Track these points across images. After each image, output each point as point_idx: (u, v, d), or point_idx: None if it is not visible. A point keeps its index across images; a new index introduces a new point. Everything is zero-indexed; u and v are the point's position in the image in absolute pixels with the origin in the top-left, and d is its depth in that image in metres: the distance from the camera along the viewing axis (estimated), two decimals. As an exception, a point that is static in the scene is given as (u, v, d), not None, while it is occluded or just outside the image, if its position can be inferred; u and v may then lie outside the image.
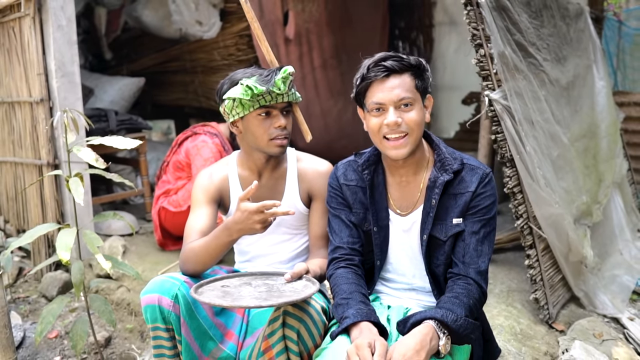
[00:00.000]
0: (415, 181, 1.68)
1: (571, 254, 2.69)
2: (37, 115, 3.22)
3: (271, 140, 1.78)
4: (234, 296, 1.52)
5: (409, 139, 1.57)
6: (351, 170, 1.75)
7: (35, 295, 3.20)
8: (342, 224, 1.73)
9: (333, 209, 1.76)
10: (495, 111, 2.45)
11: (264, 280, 1.67)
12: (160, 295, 1.65)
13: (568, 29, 3.31)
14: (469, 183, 1.61)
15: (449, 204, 1.62)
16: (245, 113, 1.76)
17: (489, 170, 1.64)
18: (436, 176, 1.63)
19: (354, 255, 1.71)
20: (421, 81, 1.58)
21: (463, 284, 1.56)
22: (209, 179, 1.89)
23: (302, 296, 1.48)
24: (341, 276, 1.65)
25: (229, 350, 1.75)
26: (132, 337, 2.75)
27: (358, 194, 1.72)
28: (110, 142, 2.17)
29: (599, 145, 3.47)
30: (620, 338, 2.54)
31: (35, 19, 3.10)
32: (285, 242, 1.94)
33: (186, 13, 4.64)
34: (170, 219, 3.22)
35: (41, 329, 2.26)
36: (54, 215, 3.24)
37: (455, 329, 1.43)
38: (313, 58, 4.60)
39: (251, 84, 1.71)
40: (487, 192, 1.61)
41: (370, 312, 1.51)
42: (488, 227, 1.62)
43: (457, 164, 1.62)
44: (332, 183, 1.78)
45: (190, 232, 1.77)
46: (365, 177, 1.70)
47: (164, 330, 1.68)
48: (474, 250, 1.59)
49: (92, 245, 2.18)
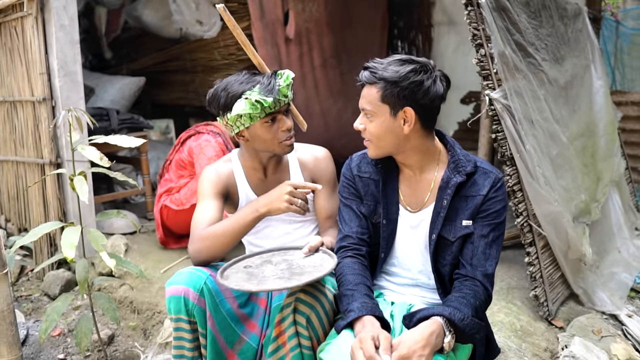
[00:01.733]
0: (426, 180, 1.69)
1: (570, 251, 2.72)
2: (40, 115, 3.23)
3: (281, 143, 1.82)
4: (259, 278, 1.57)
5: (370, 145, 1.65)
6: (365, 162, 1.77)
7: (37, 294, 3.22)
8: (352, 214, 1.76)
9: (345, 198, 1.79)
10: (495, 110, 2.48)
11: (283, 256, 1.73)
12: (186, 287, 1.66)
13: (566, 29, 3.33)
14: (481, 186, 1.62)
15: (460, 206, 1.64)
16: (250, 123, 1.78)
17: (501, 175, 1.66)
18: (449, 177, 1.64)
19: (362, 245, 1.73)
20: (392, 95, 1.55)
21: (470, 285, 1.58)
22: (215, 173, 1.91)
23: (323, 273, 1.54)
24: (347, 266, 1.67)
25: (252, 341, 1.77)
26: (135, 334, 2.77)
27: (370, 186, 1.75)
28: (114, 141, 2.19)
29: (597, 144, 3.50)
30: (618, 335, 2.57)
31: (38, 19, 3.11)
32: (296, 230, 1.98)
33: (187, 12, 4.65)
34: (173, 217, 3.23)
35: (46, 327, 2.27)
36: (56, 214, 3.25)
37: (461, 327, 1.45)
38: (313, 57, 4.61)
39: (259, 98, 1.72)
40: (498, 197, 1.63)
41: (374, 306, 1.53)
42: (497, 231, 1.64)
43: (470, 166, 1.63)
44: (345, 173, 1.81)
45: (199, 223, 1.77)
46: (380, 170, 1.73)
47: (186, 322, 1.69)
48: (482, 254, 1.61)
49: (96, 243, 2.19)
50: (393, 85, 1.54)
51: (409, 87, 1.54)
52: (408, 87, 1.54)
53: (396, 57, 1.60)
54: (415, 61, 1.57)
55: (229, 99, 1.76)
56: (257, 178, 1.93)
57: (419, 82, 1.54)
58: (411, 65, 1.55)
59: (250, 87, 1.75)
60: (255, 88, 1.74)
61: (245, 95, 1.73)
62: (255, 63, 1.93)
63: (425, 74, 1.55)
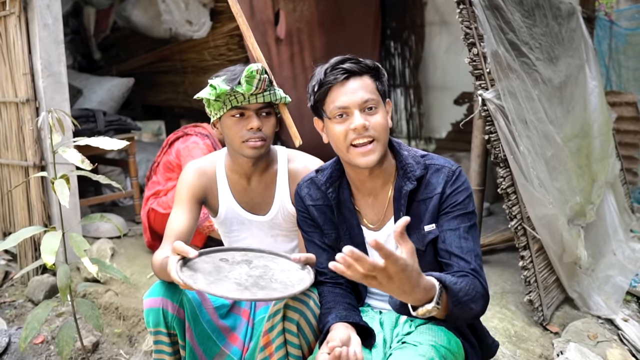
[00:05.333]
0: (383, 192, 1.59)
1: (565, 254, 2.67)
2: (23, 116, 3.15)
3: (243, 143, 1.70)
4: (221, 275, 1.42)
5: (376, 145, 1.47)
6: (315, 188, 1.64)
7: (21, 300, 3.14)
8: (318, 248, 1.65)
9: (305, 232, 1.68)
10: (488, 111, 2.43)
11: (267, 261, 1.57)
12: (165, 299, 1.60)
13: (560, 28, 3.29)
14: (435, 185, 1.51)
15: (420, 211, 1.52)
16: (221, 114, 1.71)
17: (455, 167, 1.53)
18: (400, 185, 1.53)
19: (339, 276, 1.59)
20: (381, 84, 1.51)
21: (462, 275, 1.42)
22: (195, 175, 1.82)
23: (283, 294, 1.36)
24: (327, 292, 1.60)
25: (233, 354, 1.71)
26: (120, 341, 2.70)
27: (327, 213, 1.63)
28: (96, 143, 2.13)
29: (592, 145, 3.46)
30: (614, 339, 2.52)
31: (21, 18, 3.04)
32: (279, 243, 1.90)
33: (176, 12, 4.59)
34: (160, 221, 3.16)
35: (25, 335, 2.20)
36: (41, 218, 3.18)
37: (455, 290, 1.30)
38: (304, 58, 4.56)
39: (215, 84, 1.65)
40: (458, 189, 1.50)
41: (349, 314, 1.48)
42: (467, 221, 1.50)
43: (419, 169, 1.53)
44: (298, 205, 1.68)
45: (168, 235, 1.71)
46: (331, 196, 1.60)
47: (165, 335, 1.63)
48: (457, 248, 1.47)
49: (78, 249, 2.13)
50: (381, 75, 1.52)
51: (386, 80, 1.53)
52: (386, 80, 1.53)
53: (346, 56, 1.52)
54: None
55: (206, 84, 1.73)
56: (240, 185, 1.84)
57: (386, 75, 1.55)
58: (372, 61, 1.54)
59: (223, 74, 1.70)
60: (224, 76, 1.69)
61: (210, 80, 1.68)
62: (255, 56, 1.87)
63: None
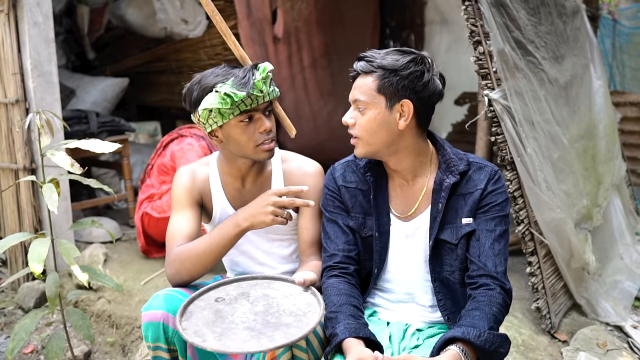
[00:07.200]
0: (417, 184, 1.59)
1: (573, 260, 2.59)
2: (13, 117, 3.05)
3: (258, 147, 1.62)
4: (226, 322, 1.37)
5: (359, 142, 1.53)
6: (350, 171, 1.65)
7: (11, 307, 3.04)
8: (338, 229, 1.62)
9: (329, 212, 1.64)
10: (494, 111, 2.34)
11: (264, 289, 1.50)
12: (166, 313, 1.50)
13: (565, 26, 3.21)
14: (477, 181, 1.54)
15: (458, 205, 1.54)
16: (225, 121, 1.58)
17: (497, 168, 1.57)
18: (442, 179, 1.55)
19: (349, 263, 1.60)
20: (392, 83, 1.45)
21: (484, 291, 1.46)
22: (190, 178, 1.74)
23: (303, 331, 1.31)
24: (332, 287, 1.54)
25: None
26: (113, 351, 2.61)
27: (358, 197, 1.62)
28: (86, 146, 2.04)
29: (598, 146, 3.38)
30: (624, 347, 2.45)
31: (10, 16, 2.94)
32: (275, 248, 1.80)
33: (171, 11, 4.49)
34: (154, 225, 3.07)
35: (13, 346, 2.11)
36: (31, 222, 3.08)
37: (480, 345, 1.32)
38: (302, 57, 4.49)
39: (229, 91, 1.53)
40: (498, 189, 1.54)
41: (360, 326, 1.42)
42: (503, 225, 1.54)
43: (463, 164, 1.55)
44: (329, 185, 1.66)
45: (175, 237, 1.62)
46: (369, 179, 1.60)
47: (165, 350, 1.54)
48: (490, 249, 1.50)
49: (67, 256, 2.05)
50: (392, 74, 1.45)
51: (408, 77, 1.46)
52: (408, 77, 1.46)
53: (394, 48, 1.51)
54: (414, 52, 1.50)
55: (200, 91, 1.59)
56: (234, 188, 1.75)
57: (419, 73, 1.46)
58: (411, 56, 1.48)
59: (225, 79, 1.57)
60: (228, 81, 1.56)
61: (217, 88, 1.55)
62: (237, 55, 1.73)
63: (425, 66, 1.48)
